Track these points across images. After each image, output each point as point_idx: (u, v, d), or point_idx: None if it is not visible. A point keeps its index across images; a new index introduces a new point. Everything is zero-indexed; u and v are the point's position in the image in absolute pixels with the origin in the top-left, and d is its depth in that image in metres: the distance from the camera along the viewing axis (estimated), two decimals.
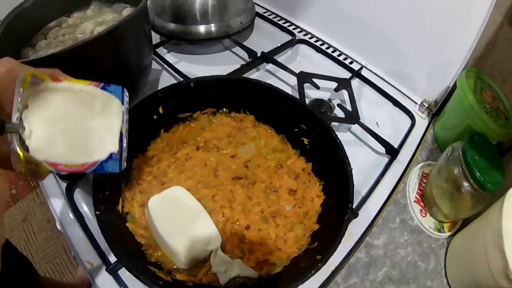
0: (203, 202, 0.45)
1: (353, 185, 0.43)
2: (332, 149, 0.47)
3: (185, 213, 0.43)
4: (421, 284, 0.47)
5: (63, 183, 0.49)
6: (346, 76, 0.68)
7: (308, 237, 0.45)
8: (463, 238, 0.49)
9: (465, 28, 0.55)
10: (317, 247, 0.42)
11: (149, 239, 0.43)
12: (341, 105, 0.62)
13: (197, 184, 0.47)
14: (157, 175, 0.48)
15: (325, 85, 0.65)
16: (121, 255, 0.37)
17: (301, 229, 0.45)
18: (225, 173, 0.49)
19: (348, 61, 0.73)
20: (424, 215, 0.53)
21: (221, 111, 0.56)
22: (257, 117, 0.55)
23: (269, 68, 0.71)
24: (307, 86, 0.63)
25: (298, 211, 0.47)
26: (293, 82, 0.66)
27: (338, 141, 0.47)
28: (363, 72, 0.71)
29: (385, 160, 0.57)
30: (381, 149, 0.58)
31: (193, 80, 0.53)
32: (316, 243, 0.43)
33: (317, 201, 0.48)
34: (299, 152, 0.53)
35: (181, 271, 0.41)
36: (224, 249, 0.43)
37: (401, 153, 0.58)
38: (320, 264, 0.37)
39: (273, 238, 0.44)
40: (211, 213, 0.45)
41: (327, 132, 0.48)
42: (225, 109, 0.56)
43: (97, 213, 0.39)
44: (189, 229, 0.41)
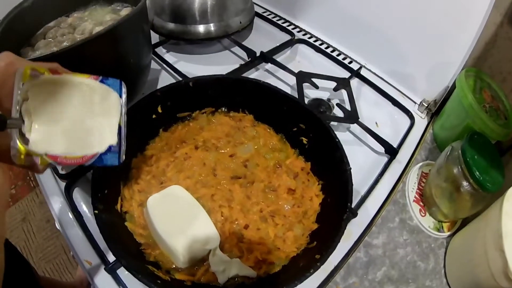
0: (201, 201, 0.45)
1: (352, 185, 0.43)
2: (331, 149, 0.47)
3: (184, 213, 0.43)
4: (421, 284, 0.47)
5: (62, 183, 0.50)
6: (345, 75, 0.68)
7: (307, 237, 0.45)
8: (462, 237, 0.49)
9: (465, 27, 0.55)
10: (316, 246, 0.42)
11: (147, 238, 0.43)
12: (340, 104, 0.62)
13: (196, 183, 0.47)
14: (156, 175, 0.48)
15: (324, 85, 0.65)
16: (119, 254, 0.37)
17: (300, 228, 0.45)
18: (224, 173, 0.49)
19: (347, 61, 0.73)
20: (423, 215, 0.53)
21: (220, 111, 0.56)
22: (256, 116, 0.55)
23: (268, 67, 0.71)
24: (306, 85, 0.63)
25: (297, 211, 0.47)
26: (292, 81, 0.66)
27: (337, 140, 0.47)
28: (362, 71, 0.71)
29: (384, 159, 0.57)
30: (380, 149, 0.58)
31: (192, 79, 0.52)
32: (315, 243, 0.43)
33: (316, 200, 0.48)
34: (298, 151, 0.53)
35: (180, 270, 0.41)
36: (222, 248, 0.43)
37: (400, 153, 0.58)
38: (319, 263, 0.37)
39: (272, 237, 0.44)
40: (210, 212, 0.45)
41: (326, 131, 0.48)
42: (224, 108, 0.56)
43: (96, 212, 0.39)
44: (187, 229, 0.41)
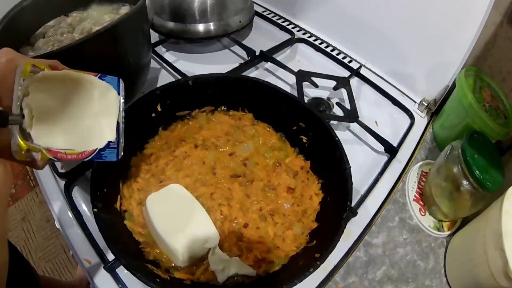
0: (201, 200, 0.45)
1: (351, 184, 0.43)
2: (330, 147, 0.47)
3: (183, 211, 0.43)
4: (420, 283, 0.47)
5: (62, 182, 0.50)
6: (345, 75, 0.68)
7: (306, 236, 0.44)
8: (462, 237, 0.49)
9: (465, 27, 0.55)
10: (316, 245, 0.42)
11: (147, 237, 0.43)
12: (340, 103, 0.62)
13: (195, 182, 0.47)
14: (155, 173, 0.48)
15: (324, 84, 0.65)
16: (119, 253, 0.37)
17: (300, 227, 0.45)
18: (223, 171, 0.49)
19: (347, 60, 0.73)
20: (423, 214, 0.53)
21: (219, 109, 0.56)
22: (256, 115, 0.55)
23: (268, 66, 0.71)
24: (306, 84, 0.63)
25: (296, 209, 0.46)
26: (292, 80, 0.66)
27: (336, 139, 0.46)
28: (362, 71, 0.71)
29: (384, 158, 0.57)
30: (380, 148, 0.58)
31: (192, 78, 0.52)
32: (314, 242, 0.43)
33: (316, 199, 0.47)
34: (298, 150, 0.52)
35: (179, 269, 0.41)
36: (222, 247, 0.42)
37: (400, 152, 0.58)
38: (318, 262, 0.36)
39: (271, 236, 0.44)
40: (209, 211, 0.45)
41: (325, 130, 0.48)
42: (223, 107, 0.56)
43: (95, 210, 0.39)
44: (187, 227, 0.41)
